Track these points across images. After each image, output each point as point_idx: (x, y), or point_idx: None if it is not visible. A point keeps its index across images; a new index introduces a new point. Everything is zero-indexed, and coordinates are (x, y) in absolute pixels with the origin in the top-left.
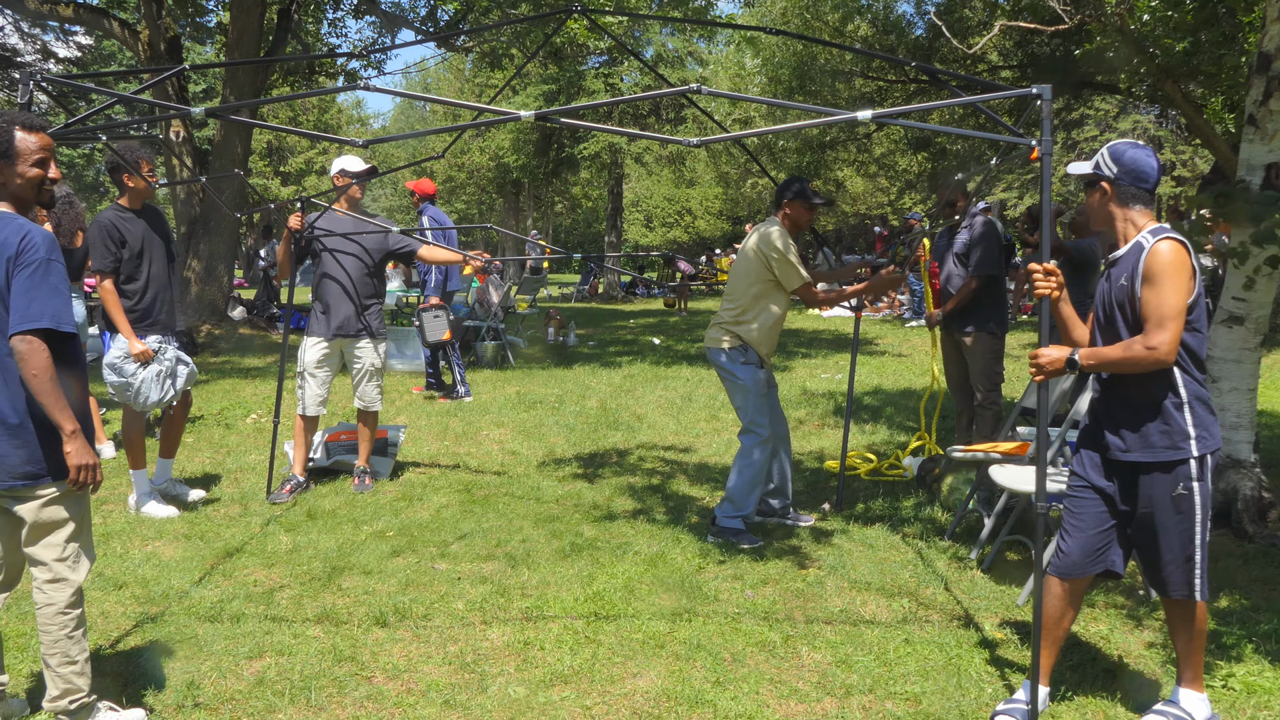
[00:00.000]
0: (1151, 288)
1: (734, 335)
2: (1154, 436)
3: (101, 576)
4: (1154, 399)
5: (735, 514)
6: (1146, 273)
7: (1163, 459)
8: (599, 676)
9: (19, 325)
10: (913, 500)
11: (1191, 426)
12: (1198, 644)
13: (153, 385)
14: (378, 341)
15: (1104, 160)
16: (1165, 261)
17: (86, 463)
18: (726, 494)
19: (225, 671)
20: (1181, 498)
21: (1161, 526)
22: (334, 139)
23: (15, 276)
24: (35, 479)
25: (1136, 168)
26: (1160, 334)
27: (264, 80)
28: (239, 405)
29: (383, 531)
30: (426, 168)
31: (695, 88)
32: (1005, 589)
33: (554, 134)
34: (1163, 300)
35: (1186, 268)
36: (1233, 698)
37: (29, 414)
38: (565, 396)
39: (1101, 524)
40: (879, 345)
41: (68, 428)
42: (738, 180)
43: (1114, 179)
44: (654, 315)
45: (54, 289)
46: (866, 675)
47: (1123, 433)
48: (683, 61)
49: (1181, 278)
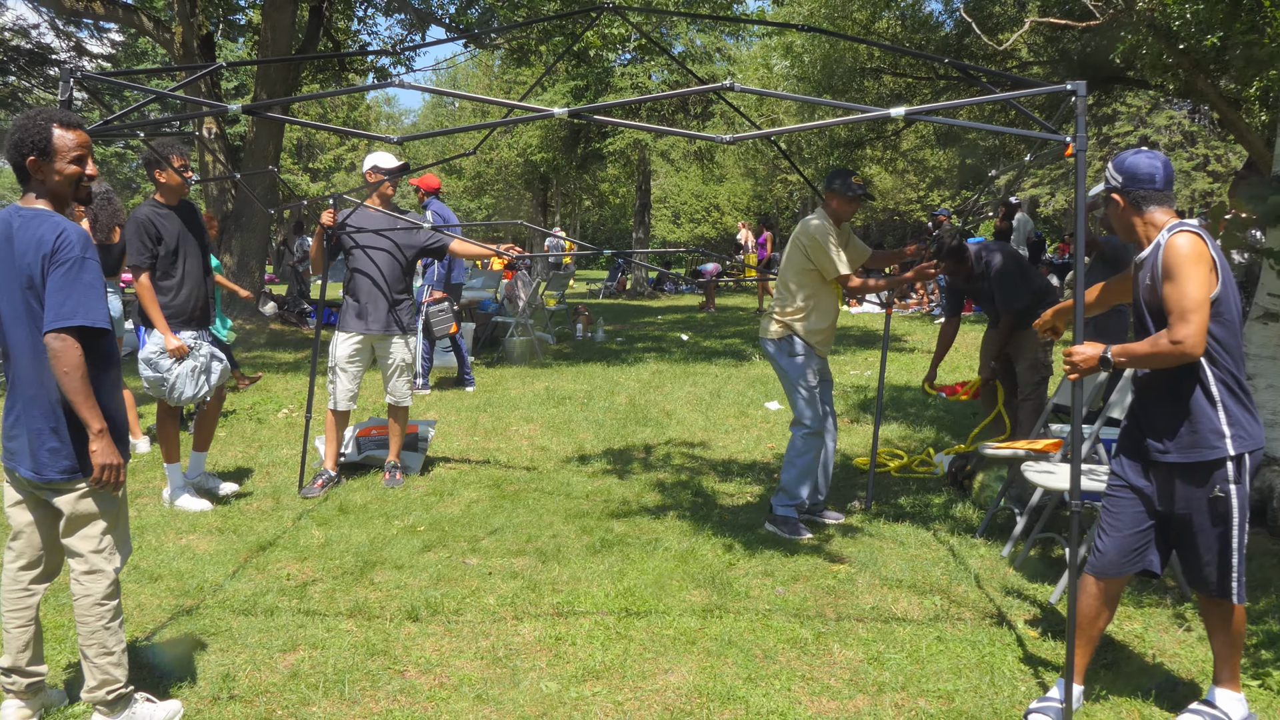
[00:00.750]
0: (1171, 282)
1: (783, 325)
2: (1188, 436)
3: (137, 569)
4: (1184, 396)
5: (789, 504)
6: (1165, 267)
7: (1198, 459)
8: (630, 672)
9: (53, 323)
10: (943, 497)
11: (1226, 424)
12: (1235, 644)
13: (187, 381)
14: (408, 337)
15: (1109, 174)
16: (1181, 254)
17: (110, 462)
18: (780, 485)
19: (259, 664)
20: (1218, 500)
21: (1199, 528)
22: (369, 135)
23: (51, 274)
24: (72, 473)
25: (1136, 171)
26: (1184, 327)
27: (295, 78)
28: (271, 400)
29: (414, 526)
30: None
31: (728, 85)
32: (1038, 587)
33: (581, 130)
34: (1183, 293)
35: (1205, 259)
36: (1269, 697)
37: (64, 410)
38: (594, 392)
39: (1139, 524)
40: (908, 342)
41: (95, 426)
42: (766, 177)
43: (1121, 187)
44: (682, 311)
45: (89, 286)
46: (899, 673)
47: (1159, 433)
48: (710, 58)
49: (1200, 269)
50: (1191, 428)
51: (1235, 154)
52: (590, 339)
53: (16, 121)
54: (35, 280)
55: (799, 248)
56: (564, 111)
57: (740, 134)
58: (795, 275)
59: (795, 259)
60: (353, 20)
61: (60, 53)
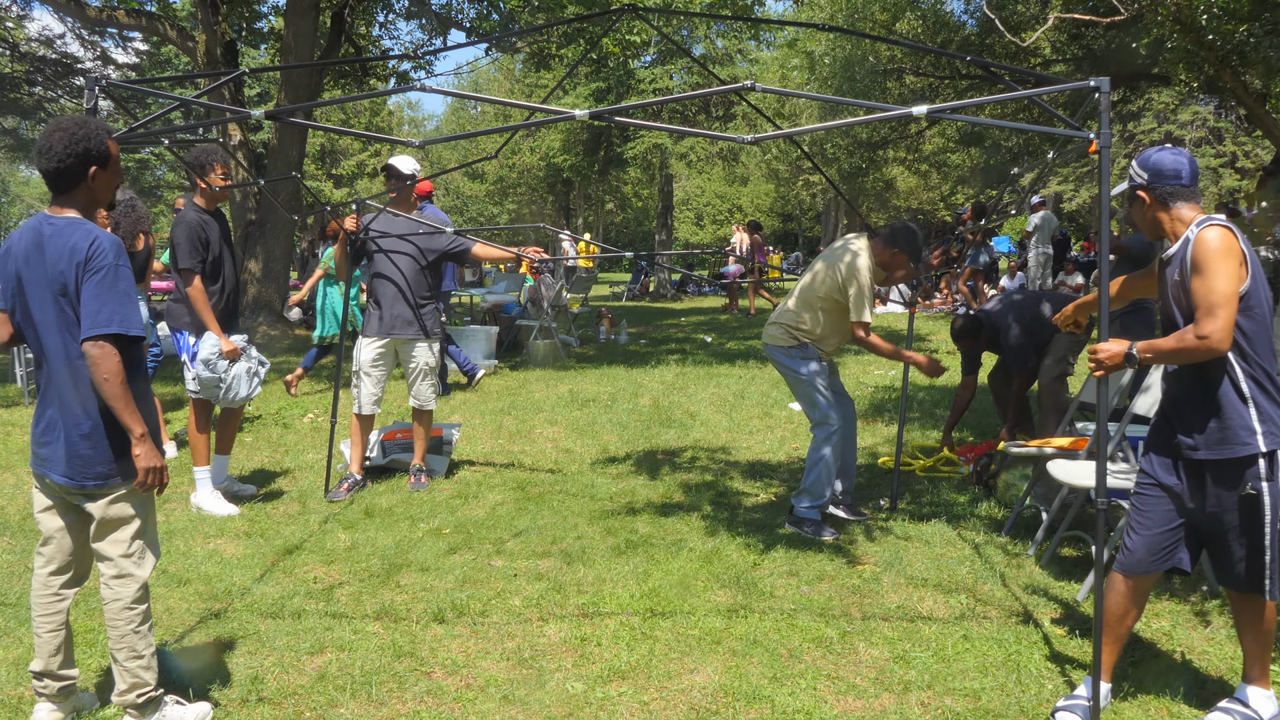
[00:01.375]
0: (1200, 276)
1: (794, 335)
2: (1218, 433)
3: (165, 573)
4: (1213, 392)
5: (813, 504)
6: (1194, 262)
7: (1229, 455)
8: (656, 672)
9: (91, 330)
10: (968, 496)
11: (1257, 421)
12: (1266, 641)
13: (243, 381)
14: (432, 341)
15: (1134, 171)
16: (1211, 249)
17: (155, 465)
18: (802, 487)
19: (287, 667)
20: (1250, 498)
21: (1230, 525)
22: (391, 139)
23: (85, 282)
24: (106, 479)
25: (1161, 167)
26: (1211, 322)
27: (318, 84)
28: (296, 405)
29: (439, 529)
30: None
31: (749, 85)
32: (1064, 585)
33: (603, 133)
34: (1211, 287)
35: (1235, 253)
36: None
37: (100, 416)
38: (618, 395)
39: (1169, 523)
40: (931, 341)
41: (137, 431)
42: (789, 178)
43: (1147, 184)
44: (705, 313)
45: (124, 294)
46: (925, 671)
47: (1189, 430)
48: (732, 60)
49: (1230, 263)
50: (1222, 424)
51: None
52: (614, 341)
53: (65, 132)
54: (69, 288)
55: (837, 275)
56: (585, 114)
57: (761, 134)
58: (824, 300)
59: (830, 284)
60: (374, 26)
61: (85, 62)
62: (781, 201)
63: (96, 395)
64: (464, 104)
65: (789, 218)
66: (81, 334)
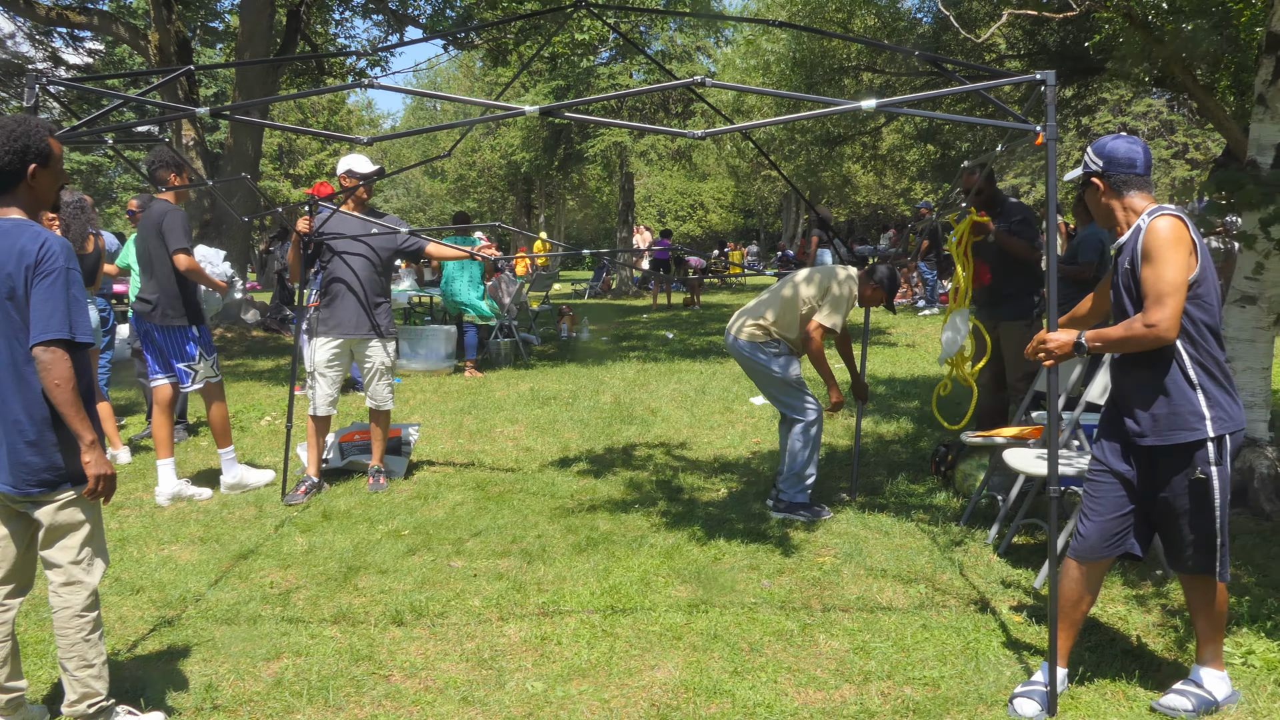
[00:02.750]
0: (1149, 265)
1: (767, 333)
2: (1168, 419)
3: (118, 581)
4: (1161, 379)
5: (801, 487)
6: (1144, 250)
7: (1178, 441)
8: (616, 669)
9: (41, 335)
10: (926, 486)
11: (1205, 406)
12: (1218, 623)
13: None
14: (387, 341)
15: (1089, 158)
16: (1161, 238)
17: (105, 473)
18: (787, 473)
19: (243, 673)
20: (1199, 482)
21: (1181, 510)
22: (340, 137)
23: (35, 286)
24: (54, 486)
25: (1116, 155)
26: (1159, 311)
27: (274, 82)
28: (253, 408)
29: (398, 530)
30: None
31: (700, 80)
32: (1021, 573)
33: (563, 130)
34: (1160, 276)
35: (1185, 242)
36: (1253, 675)
37: (46, 421)
38: (579, 392)
39: (1120, 508)
40: (891, 335)
41: (87, 438)
42: (749, 174)
43: (1102, 172)
44: (666, 310)
45: (74, 299)
46: (884, 661)
47: (1138, 416)
48: (691, 56)
49: (1179, 252)
50: (1171, 410)
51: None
52: (575, 339)
53: (3, 130)
54: (17, 292)
55: (819, 286)
56: (535, 110)
57: (713, 129)
58: (805, 302)
59: (813, 294)
60: (330, 24)
61: (37, 63)
62: (742, 197)
63: (45, 401)
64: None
65: (749, 213)
66: (32, 339)
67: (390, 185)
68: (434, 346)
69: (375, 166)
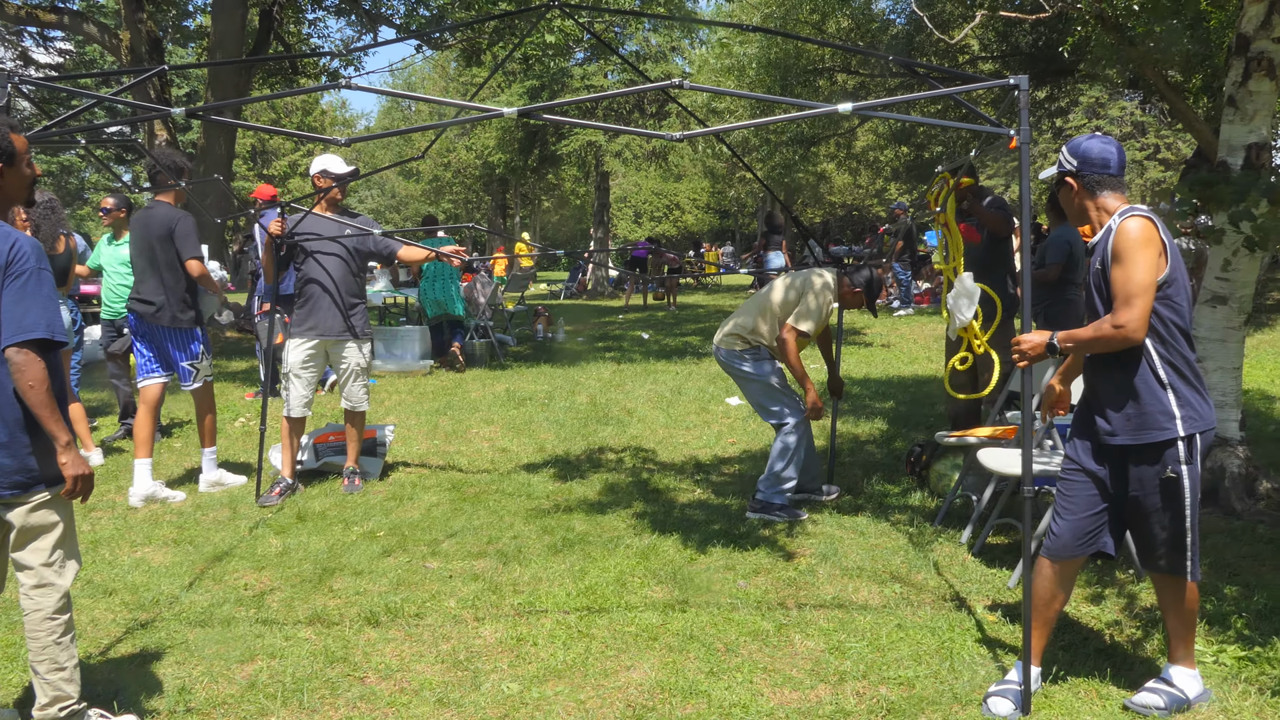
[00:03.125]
0: (1119, 265)
1: (747, 340)
2: (1138, 419)
3: (90, 583)
4: (1131, 379)
5: (778, 489)
6: (1114, 251)
7: (1148, 441)
8: (592, 670)
9: (15, 336)
10: (901, 486)
11: (1175, 405)
12: (1189, 621)
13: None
14: (362, 342)
15: (1064, 157)
16: (1131, 238)
17: (83, 473)
18: (768, 472)
19: (217, 676)
20: (1170, 481)
21: (1152, 508)
22: (316, 138)
23: (7, 287)
24: (26, 488)
25: (1091, 155)
26: (1127, 311)
27: (246, 82)
28: (227, 409)
29: (373, 531)
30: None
31: (677, 82)
32: (996, 572)
33: (538, 131)
34: (1129, 277)
35: (1155, 243)
36: (1224, 673)
37: (19, 423)
38: (555, 393)
39: (1092, 507)
40: (866, 335)
41: (62, 439)
42: (725, 175)
43: (1076, 171)
44: (642, 310)
45: (47, 299)
46: (860, 661)
47: (1109, 415)
48: (666, 57)
49: (1149, 253)
50: (1141, 410)
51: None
52: (551, 340)
53: None
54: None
55: (796, 291)
56: (513, 111)
57: (690, 131)
58: (782, 308)
59: (790, 300)
60: (303, 24)
61: (6, 62)
62: (718, 198)
63: (17, 402)
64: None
65: (725, 214)
66: (4, 340)
67: (365, 186)
68: (409, 347)
69: (350, 167)
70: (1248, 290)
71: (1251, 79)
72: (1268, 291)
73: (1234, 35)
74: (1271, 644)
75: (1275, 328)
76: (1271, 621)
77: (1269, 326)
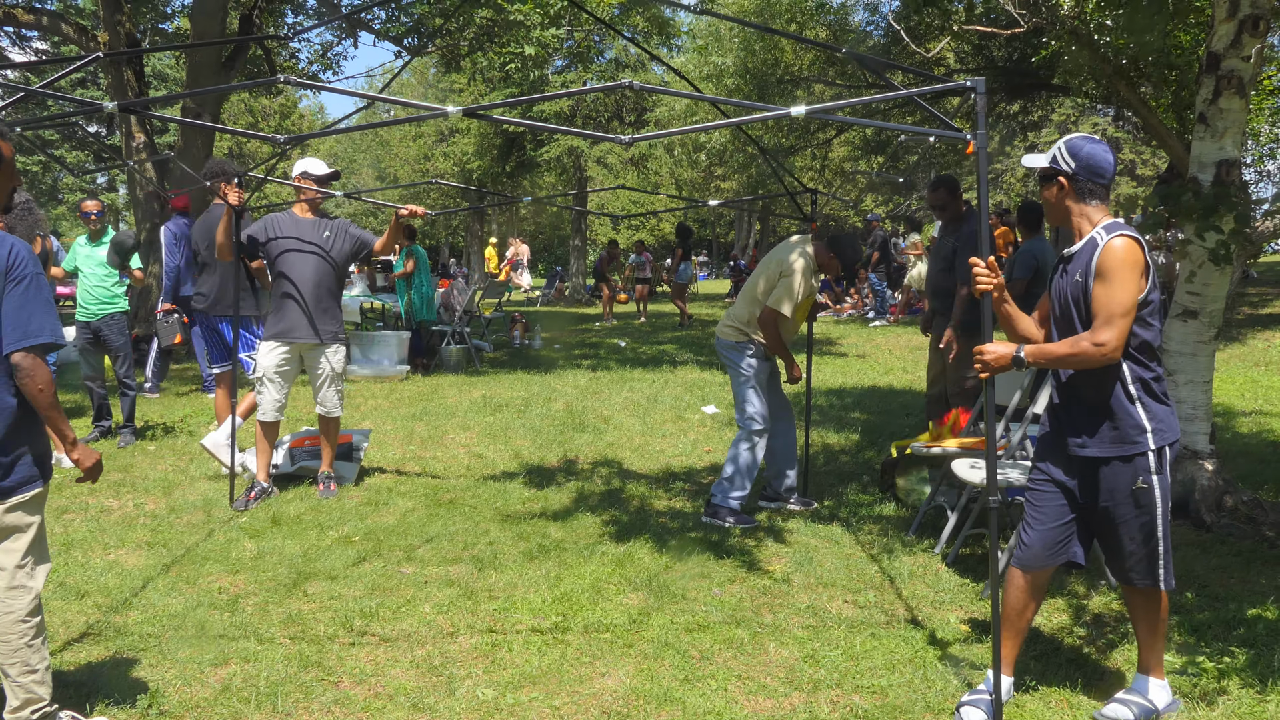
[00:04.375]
0: (1104, 284)
1: (741, 331)
2: (1110, 431)
3: (63, 585)
4: (1106, 394)
5: (733, 493)
6: (1100, 269)
7: (1120, 453)
8: (567, 677)
9: (23, 341)
10: (875, 496)
11: (1146, 419)
12: (1159, 632)
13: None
14: (337, 347)
15: (1061, 155)
16: (1118, 258)
17: (95, 460)
18: (722, 477)
19: (190, 679)
20: (1141, 491)
21: (1122, 519)
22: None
23: (8, 292)
24: (7, 494)
25: (1094, 162)
26: (1108, 331)
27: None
28: (201, 412)
29: (348, 536)
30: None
31: (627, 83)
32: (968, 583)
33: (517, 138)
34: (1113, 297)
35: (1140, 265)
36: (1193, 683)
37: (7, 425)
38: (531, 399)
39: (1062, 517)
40: (841, 345)
41: (70, 436)
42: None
43: (1072, 174)
44: (619, 318)
45: (47, 303)
46: (833, 670)
47: (1079, 428)
48: (645, 65)
49: (1134, 275)
50: (1113, 424)
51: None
52: (527, 346)
53: None
54: None
55: (773, 270)
56: (458, 110)
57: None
58: (766, 295)
59: (764, 286)
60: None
61: None
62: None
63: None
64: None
65: (703, 223)
66: (7, 344)
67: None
68: (386, 352)
69: (330, 170)
70: (1218, 304)
71: (1222, 97)
72: (1238, 306)
73: (1205, 53)
74: (1239, 655)
75: (1245, 342)
76: (1239, 632)
77: (1239, 341)
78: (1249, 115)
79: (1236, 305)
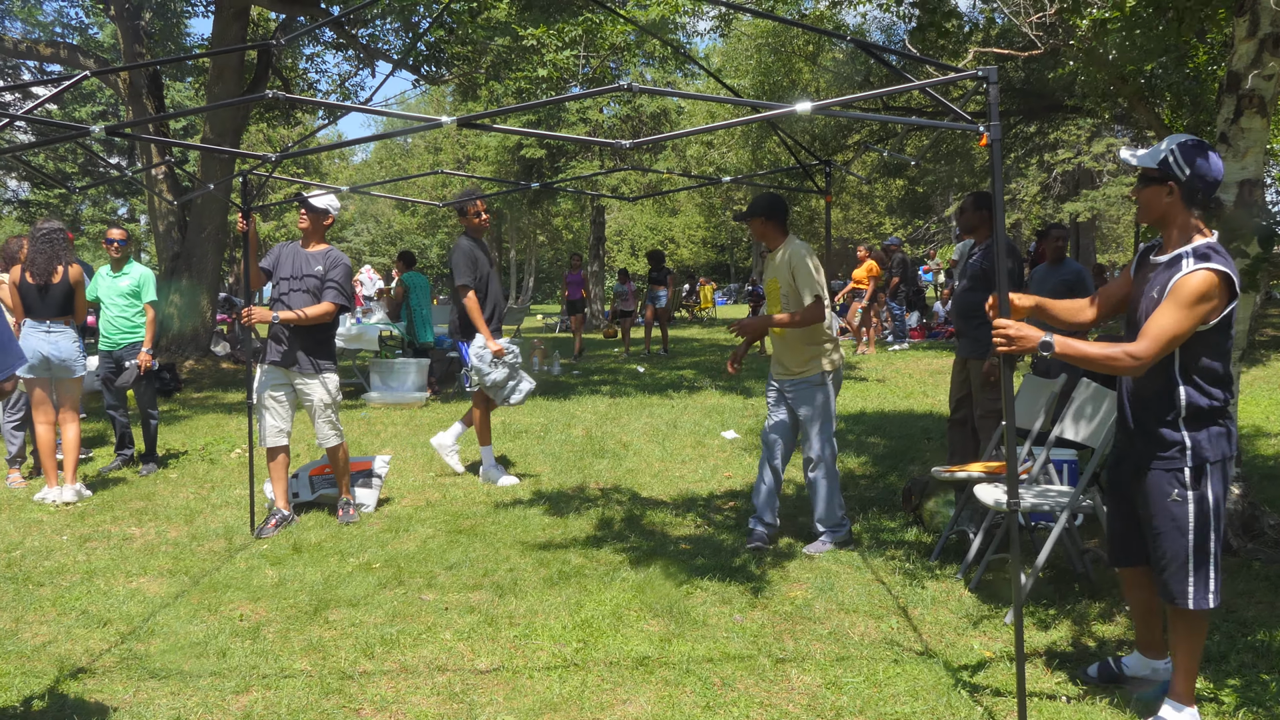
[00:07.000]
0: (1167, 307)
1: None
2: (1154, 445)
3: (86, 614)
4: (1163, 409)
5: (839, 526)
6: (1174, 289)
7: (1160, 466)
8: (589, 703)
9: None
10: (898, 521)
11: (1187, 436)
12: (1193, 654)
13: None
14: (325, 377)
15: (1175, 160)
16: (1192, 290)
17: None
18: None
19: (212, 707)
20: (1175, 504)
21: (1157, 532)
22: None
23: None
24: None
25: (1209, 173)
26: (1151, 347)
27: (244, 118)
28: (223, 440)
29: (369, 563)
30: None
31: (626, 85)
32: (992, 608)
33: (534, 165)
34: (1167, 324)
35: (1211, 301)
36: (1220, 710)
37: None
38: (550, 425)
39: (1125, 519)
40: (861, 370)
41: None
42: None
43: (1185, 181)
44: (637, 344)
45: None
46: (856, 697)
47: (1132, 438)
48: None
49: (1198, 310)
50: (1158, 437)
51: None
52: (546, 372)
53: None
54: None
55: (785, 276)
56: (453, 120)
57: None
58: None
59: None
60: (300, 58)
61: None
62: (714, 232)
63: None
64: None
65: (721, 248)
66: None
67: (361, 219)
68: (404, 379)
69: (339, 204)
70: (1242, 326)
71: (1243, 116)
72: (1261, 328)
73: (1225, 73)
74: (1270, 684)
75: (1269, 364)
76: (1267, 659)
77: (1262, 363)
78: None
79: (1258, 327)
